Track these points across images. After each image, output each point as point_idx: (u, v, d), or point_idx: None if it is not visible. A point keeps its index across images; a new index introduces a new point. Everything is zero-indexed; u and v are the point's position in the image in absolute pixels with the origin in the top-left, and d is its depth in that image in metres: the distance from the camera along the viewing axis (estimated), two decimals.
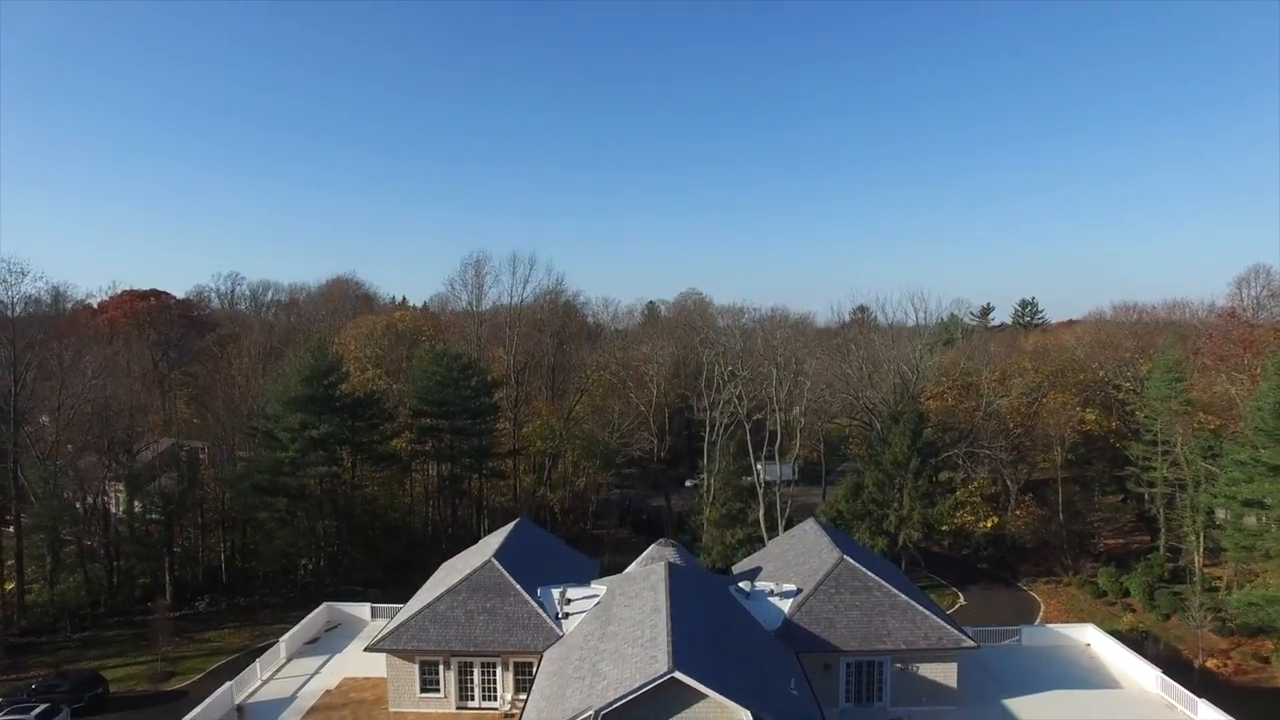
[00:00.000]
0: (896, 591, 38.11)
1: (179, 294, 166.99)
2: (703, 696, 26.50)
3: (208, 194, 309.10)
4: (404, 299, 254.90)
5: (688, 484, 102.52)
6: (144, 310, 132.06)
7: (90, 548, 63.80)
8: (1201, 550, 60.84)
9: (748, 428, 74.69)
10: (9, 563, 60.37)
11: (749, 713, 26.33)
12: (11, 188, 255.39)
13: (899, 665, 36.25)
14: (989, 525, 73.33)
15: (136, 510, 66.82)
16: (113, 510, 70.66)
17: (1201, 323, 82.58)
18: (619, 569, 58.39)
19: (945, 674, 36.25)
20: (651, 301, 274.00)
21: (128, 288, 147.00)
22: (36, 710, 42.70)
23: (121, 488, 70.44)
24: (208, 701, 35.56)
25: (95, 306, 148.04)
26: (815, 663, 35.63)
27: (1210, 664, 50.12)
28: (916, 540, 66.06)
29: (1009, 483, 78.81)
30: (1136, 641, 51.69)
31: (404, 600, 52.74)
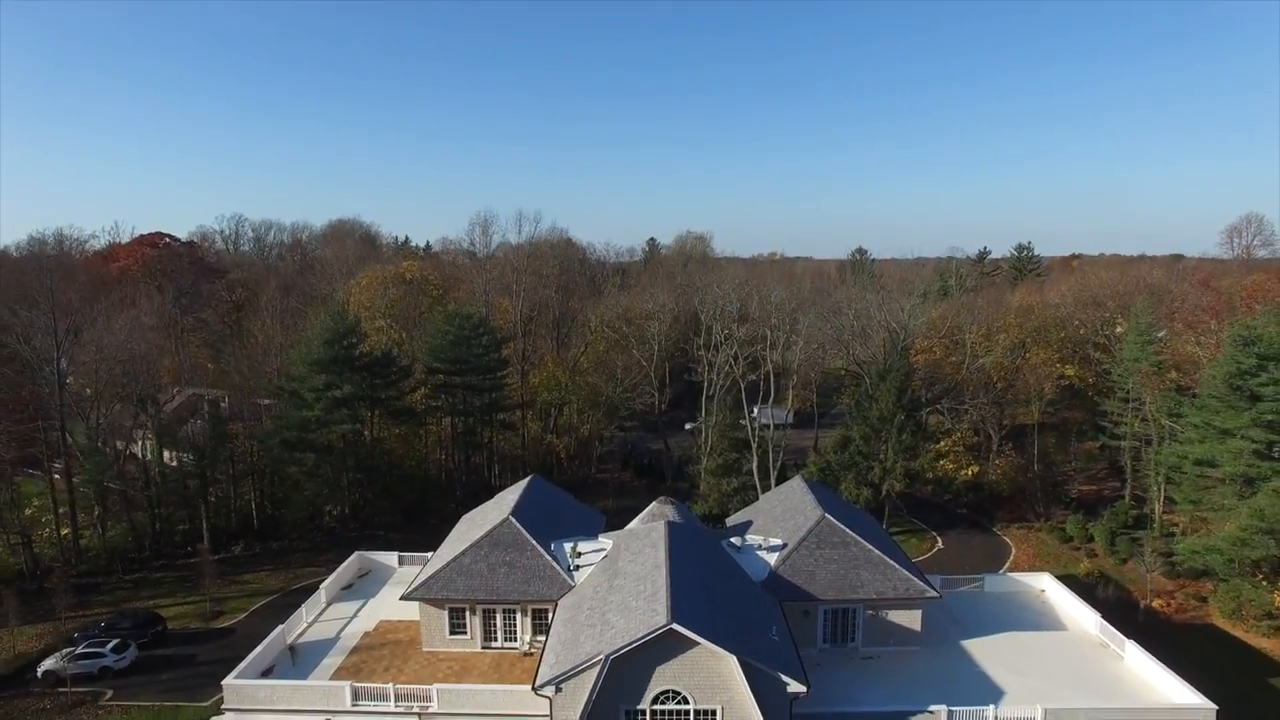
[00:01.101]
0: (871, 547, 42.74)
1: (181, 234, 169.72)
2: (696, 643, 31.23)
3: (205, 129, 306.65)
4: (407, 239, 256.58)
5: (687, 427, 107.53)
6: (154, 258, 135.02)
7: (133, 496, 68.85)
8: (1162, 500, 65.74)
9: (743, 386, 79.02)
10: (61, 510, 65.55)
11: (735, 657, 31.17)
12: (9, 123, 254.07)
13: (870, 612, 41.20)
14: (970, 474, 78.31)
15: (173, 463, 71.75)
16: (144, 458, 75.58)
17: (1177, 286, 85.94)
18: (622, 511, 64.04)
19: (911, 619, 41.24)
20: (652, 238, 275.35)
21: (130, 227, 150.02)
22: (110, 644, 48.32)
23: (152, 437, 75.38)
24: (266, 641, 40.60)
25: (106, 254, 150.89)
26: (796, 610, 40.56)
27: (1156, 604, 55.44)
28: (899, 490, 70.96)
29: (991, 432, 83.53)
30: (1090, 585, 57.13)
31: (423, 543, 58.41)
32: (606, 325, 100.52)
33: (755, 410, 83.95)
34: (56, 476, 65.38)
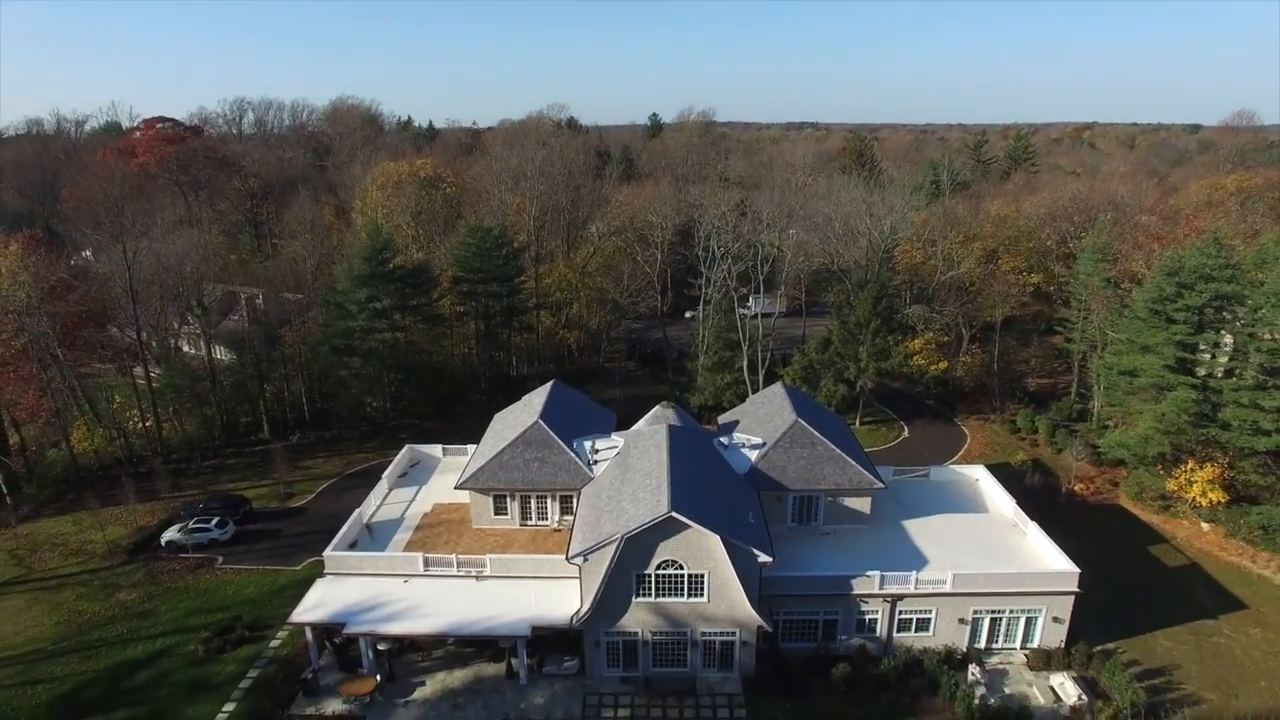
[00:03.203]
0: (834, 447, 52.27)
1: (179, 115, 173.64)
2: (690, 526, 41.16)
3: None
4: (409, 119, 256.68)
5: (688, 315, 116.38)
6: (172, 155, 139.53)
7: (202, 392, 78.64)
8: (1101, 399, 75.37)
9: (735, 299, 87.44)
10: (143, 405, 75.49)
11: (719, 536, 41.28)
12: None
13: (829, 499, 51.38)
14: (939, 369, 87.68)
15: (232, 362, 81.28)
16: (205, 356, 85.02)
17: (1137, 201, 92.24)
18: (630, 400, 74.88)
19: (862, 504, 51.46)
20: (654, 114, 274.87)
21: (128, 108, 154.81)
22: (214, 520, 59.27)
23: (201, 335, 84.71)
24: (349, 522, 50.84)
25: (120, 146, 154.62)
26: (771, 497, 50.67)
27: (1078, 488, 66.08)
28: (871, 387, 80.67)
29: (963, 331, 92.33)
30: (1022, 473, 67.71)
31: (454, 430, 69.21)
32: (613, 233, 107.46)
33: (750, 300, 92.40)
34: (138, 372, 74.78)
